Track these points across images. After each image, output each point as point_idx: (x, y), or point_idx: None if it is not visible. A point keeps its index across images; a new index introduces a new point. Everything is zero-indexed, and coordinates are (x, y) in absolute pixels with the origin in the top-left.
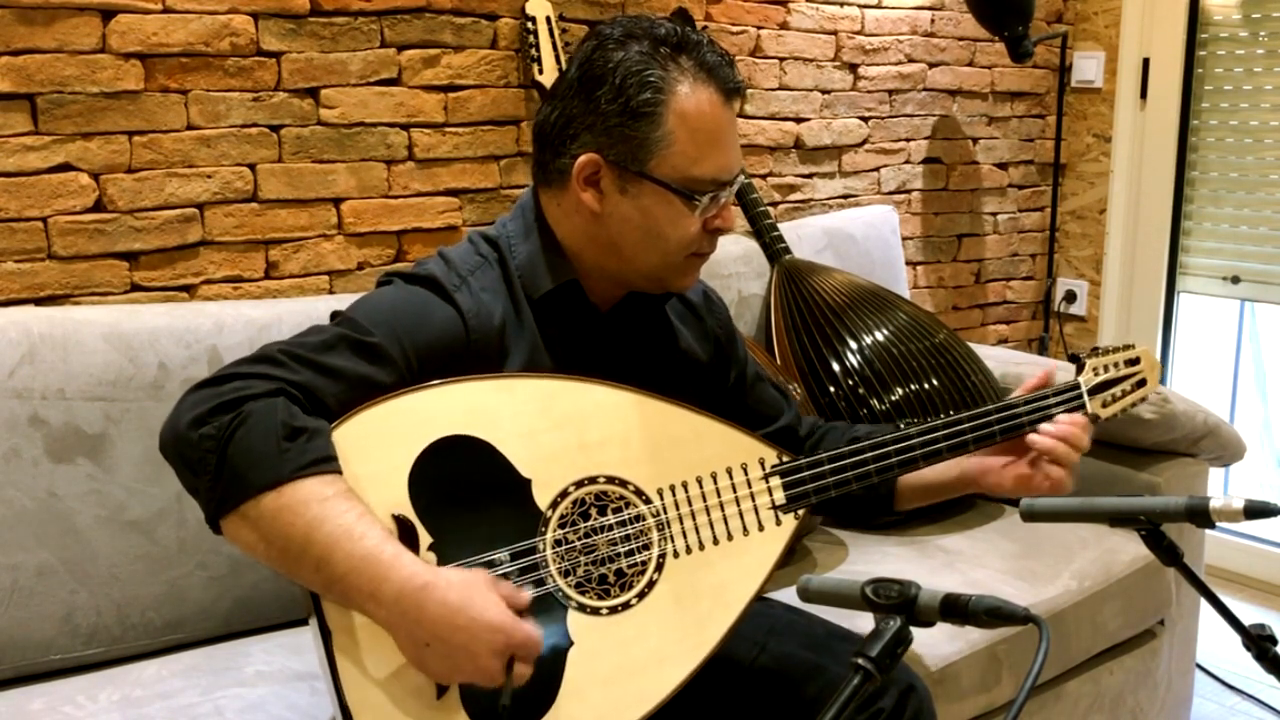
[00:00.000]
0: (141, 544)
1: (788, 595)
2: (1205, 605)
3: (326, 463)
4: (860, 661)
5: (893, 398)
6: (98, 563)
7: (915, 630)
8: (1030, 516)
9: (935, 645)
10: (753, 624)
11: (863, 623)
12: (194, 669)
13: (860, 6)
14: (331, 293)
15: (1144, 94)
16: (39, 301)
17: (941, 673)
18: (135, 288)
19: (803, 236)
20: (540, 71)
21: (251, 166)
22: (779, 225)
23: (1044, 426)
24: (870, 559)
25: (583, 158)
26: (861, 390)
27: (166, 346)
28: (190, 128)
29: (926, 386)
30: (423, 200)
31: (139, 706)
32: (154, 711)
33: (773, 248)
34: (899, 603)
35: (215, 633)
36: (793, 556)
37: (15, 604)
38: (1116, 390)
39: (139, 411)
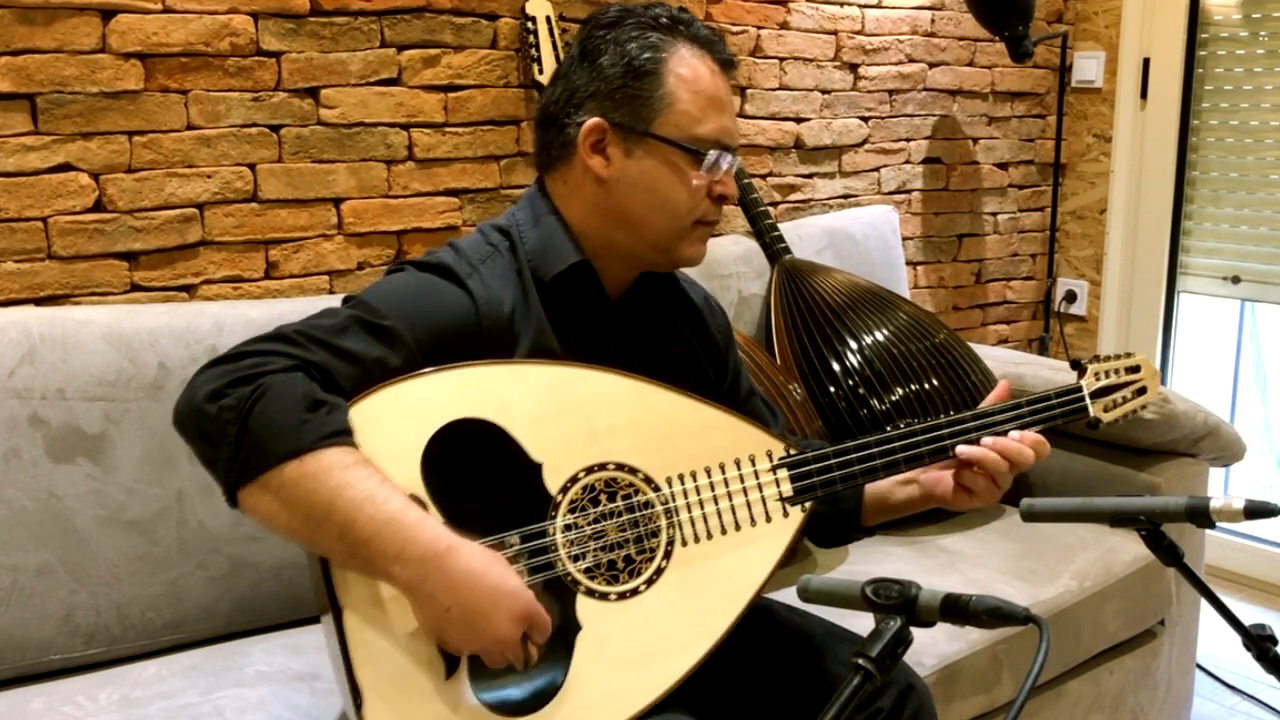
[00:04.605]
0: (141, 544)
1: (788, 595)
2: (1205, 605)
3: (347, 435)
4: (860, 661)
5: (893, 398)
6: (98, 563)
7: (915, 630)
8: (1030, 516)
9: (935, 645)
10: (752, 624)
11: (863, 623)
12: (194, 669)
13: (860, 6)
14: (331, 293)
15: (1144, 94)
16: (39, 301)
17: (941, 673)
18: (135, 288)
19: (803, 236)
20: (540, 71)
21: (251, 166)
22: (779, 225)
23: (986, 441)
24: (870, 559)
25: (589, 122)
26: (861, 390)
27: (166, 346)
28: (190, 128)
29: (926, 386)
30: (423, 200)
31: (139, 706)
32: (154, 711)
33: (773, 248)
34: (899, 603)
35: (215, 633)
36: (794, 557)
37: (15, 604)
38: (1117, 396)
39: (139, 411)
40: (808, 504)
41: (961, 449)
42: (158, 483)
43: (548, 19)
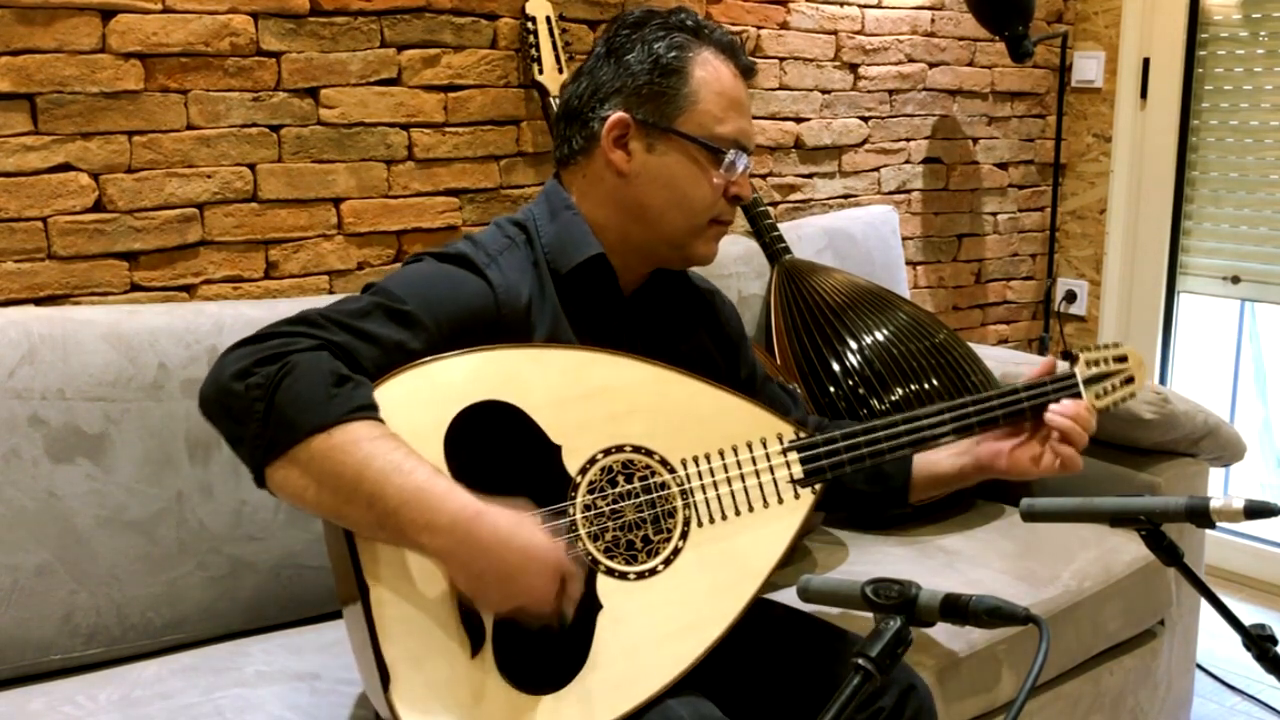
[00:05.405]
0: (141, 544)
1: (788, 595)
2: (1205, 605)
3: (373, 409)
4: (860, 661)
5: (893, 398)
6: (98, 563)
7: (915, 630)
8: (1030, 516)
9: (935, 645)
10: (752, 624)
11: (863, 623)
12: (194, 669)
13: (860, 6)
14: (331, 292)
15: (1144, 94)
16: (39, 301)
17: (941, 673)
18: (135, 288)
19: (803, 236)
20: (540, 71)
21: (251, 166)
22: (779, 225)
23: (1054, 408)
24: (870, 559)
25: (613, 116)
26: (861, 390)
27: (166, 346)
28: (190, 128)
29: (926, 386)
30: (422, 200)
31: (139, 706)
32: (154, 711)
33: (773, 248)
34: (899, 603)
35: (215, 633)
36: (793, 556)
37: (15, 604)
38: (1107, 384)
39: (139, 411)
40: (817, 486)
41: (1051, 417)
42: (158, 483)
43: (548, 19)
